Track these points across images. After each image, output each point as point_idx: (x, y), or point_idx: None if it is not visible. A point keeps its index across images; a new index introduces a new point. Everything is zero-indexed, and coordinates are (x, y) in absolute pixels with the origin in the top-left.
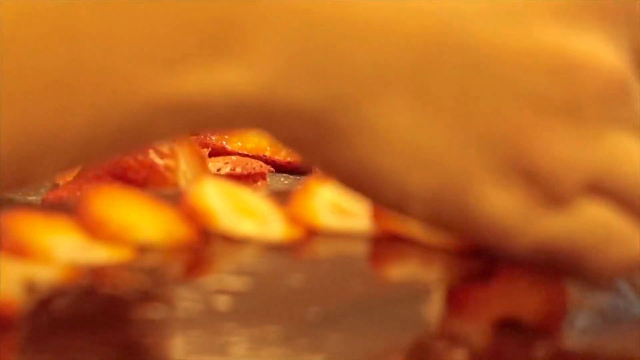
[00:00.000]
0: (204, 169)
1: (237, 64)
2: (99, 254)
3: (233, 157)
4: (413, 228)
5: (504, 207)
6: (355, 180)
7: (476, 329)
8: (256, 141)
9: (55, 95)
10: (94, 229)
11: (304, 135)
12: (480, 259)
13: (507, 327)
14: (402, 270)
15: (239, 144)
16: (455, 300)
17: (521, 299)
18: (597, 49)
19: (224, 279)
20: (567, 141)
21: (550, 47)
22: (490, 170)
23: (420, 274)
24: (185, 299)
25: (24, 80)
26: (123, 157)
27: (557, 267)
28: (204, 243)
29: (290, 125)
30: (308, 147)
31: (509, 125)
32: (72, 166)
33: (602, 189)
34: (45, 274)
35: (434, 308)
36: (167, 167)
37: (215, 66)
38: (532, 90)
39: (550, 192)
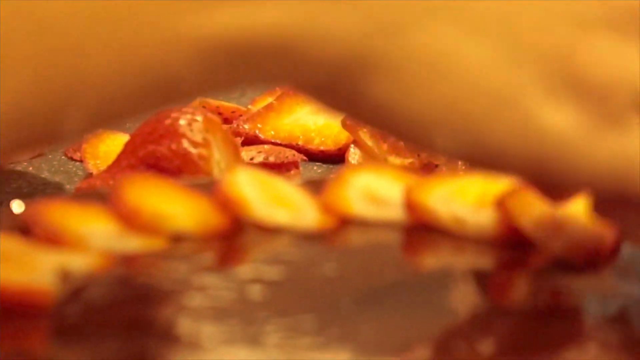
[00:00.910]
0: (237, 158)
1: None
2: (133, 243)
3: (266, 146)
4: (445, 217)
5: (559, 126)
6: (394, 116)
7: (508, 315)
8: (289, 130)
9: (79, 34)
10: (127, 218)
11: (340, 71)
12: (511, 249)
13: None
14: (434, 259)
15: (272, 132)
16: (491, 287)
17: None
18: None
19: (258, 268)
20: (614, 56)
21: None
22: (541, 88)
23: (452, 262)
24: (219, 288)
25: (44, 19)
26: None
27: (614, 195)
28: (238, 232)
29: (327, 60)
30: (343, 85)
31: (555, 42)
32: (101, 120)
33: None
34: (79, 263)
35: (466, 296)
36: (201, 156)
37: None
38: (577, 5)
39: (603, 109)
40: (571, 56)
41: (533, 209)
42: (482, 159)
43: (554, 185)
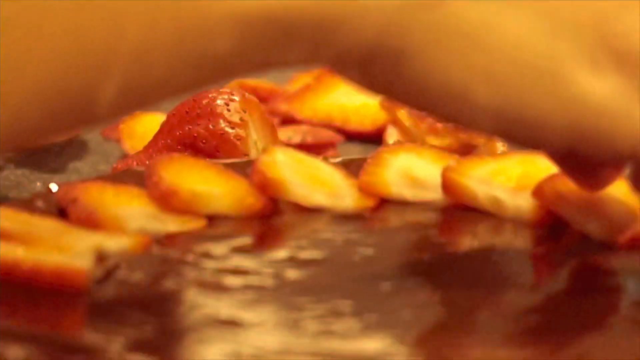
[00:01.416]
0: (275, 139)
1: None
2: (169, 224)
3: (303, 127)
4: (483, 199)
5: (599, 95)
6: (431, 92)
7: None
8: (327, 110)
9: (116, 8)
10: (164, 199)
11: (378, 47)
12: (546, 228)
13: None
14: (472, 240)
15: (310, 113)
16: (529, 267)
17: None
18: None
19: (295, 249)
20: None
21: None
22: (580, 58)
23: (490, 243)
24: (257, 270)
25: None
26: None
27: None
28: (275, 213)
29: (365, 36)
30: (381, 62)
31: (594, 11)
32: (136, 98)
33: None
34: (116, 243)
35: (505, 276)
36: (238, 137)
37: None
38: None
39: None
40: (610, 25)
41: (572, 192)
42: (522, 133)
43: (591, 169)
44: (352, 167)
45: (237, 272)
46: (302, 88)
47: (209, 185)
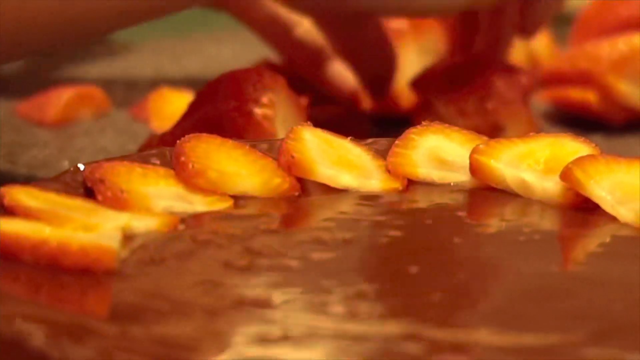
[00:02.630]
0: (303, 119)
1: None
2: (196, 204)
3: (331, 107)
4: (512, 181)
5: None
6: None
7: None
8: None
9: None
10: (191, 178)
11: None
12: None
13: None
14: (500, 222)
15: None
16: (558, 249)
17: None
18: None
19: (322, 230)
20: None
21: None
22: None
23: (518, 225)
24: (283, 252)
25: None
26: (221, 106)
27: None
28: (302, 193)
29: None
30: None
31: None
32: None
33: None
34: (143, 223)
35: (533, 259)
36: (265, 116)
37: None
38: None
39: None
40: None
41: (602, 176)
42: None
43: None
44: (380, 148)
45: (262, 253)
46: None
47: (235, 165)
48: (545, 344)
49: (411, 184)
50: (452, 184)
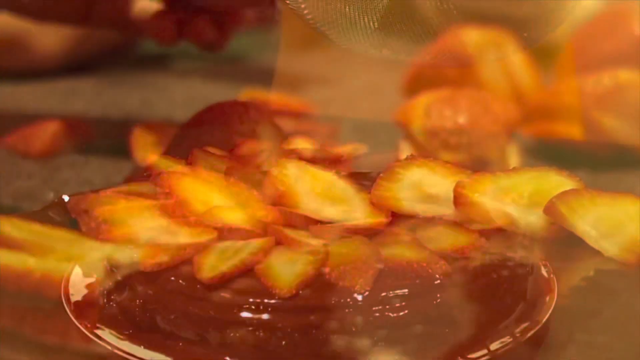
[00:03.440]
0: (287, 152)
1: None
2: (180, 235)
3: (316, 139)
4: (496, 215)
5: None
6: None
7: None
8: None
9: None
10: (175, 210)
11: None
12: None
13: None
14: (483, 255)
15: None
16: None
17: None
18: None
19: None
20: None
21: None
22: None
23: (503, 258)
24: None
25: None
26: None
27: None
28: (288, 225)
29: None
30: None
31: None
32: None
33: None
34: (126, 255)
35: (516, 293)
36: (250, 149)
37: None
38: None
39: None
40: None
41: (586, 210)
42: None
43: None
44: (364, 181)
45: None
46: None
47: (220, 198)
48: None
49: (396, 217)
50: (437, 216)
